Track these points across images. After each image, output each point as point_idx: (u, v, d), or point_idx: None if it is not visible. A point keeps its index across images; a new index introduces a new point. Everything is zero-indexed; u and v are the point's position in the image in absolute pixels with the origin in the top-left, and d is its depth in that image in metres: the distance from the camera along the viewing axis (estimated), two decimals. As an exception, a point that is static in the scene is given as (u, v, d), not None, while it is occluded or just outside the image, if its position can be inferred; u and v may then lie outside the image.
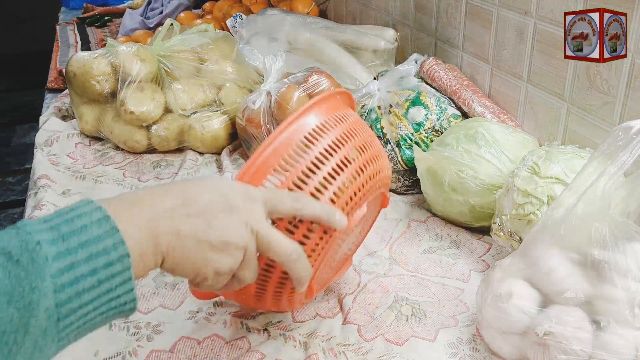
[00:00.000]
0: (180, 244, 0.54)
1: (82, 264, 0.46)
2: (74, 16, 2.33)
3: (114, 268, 0.47)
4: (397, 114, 1.11)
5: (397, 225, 1.00)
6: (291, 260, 0.60)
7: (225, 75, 1.28)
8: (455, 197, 0.93)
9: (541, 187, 0.81)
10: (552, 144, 0.90)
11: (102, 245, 0.47)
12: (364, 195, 0.68)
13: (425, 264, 0.91)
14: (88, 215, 0.48)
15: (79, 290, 0.45)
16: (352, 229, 0.68)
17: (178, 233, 0.53)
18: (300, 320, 0.79)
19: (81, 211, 0.48)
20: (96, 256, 0.46)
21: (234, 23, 1.52)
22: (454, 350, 0.74)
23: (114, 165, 1.20)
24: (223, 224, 0.56)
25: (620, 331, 0.61)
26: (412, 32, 1.49)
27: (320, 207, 0.63)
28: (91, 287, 0.46)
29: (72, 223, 0.47)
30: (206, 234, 0.55)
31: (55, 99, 1.50)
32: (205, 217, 0.55)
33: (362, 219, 0.70)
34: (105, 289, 0.47)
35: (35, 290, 0.43)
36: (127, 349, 0.74)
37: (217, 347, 0.75)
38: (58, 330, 0.45)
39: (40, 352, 0.45)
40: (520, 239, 0.84)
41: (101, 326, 0.50)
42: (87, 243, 0.46)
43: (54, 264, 0.44)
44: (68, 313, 0.45)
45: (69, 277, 0.45)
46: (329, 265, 0.73)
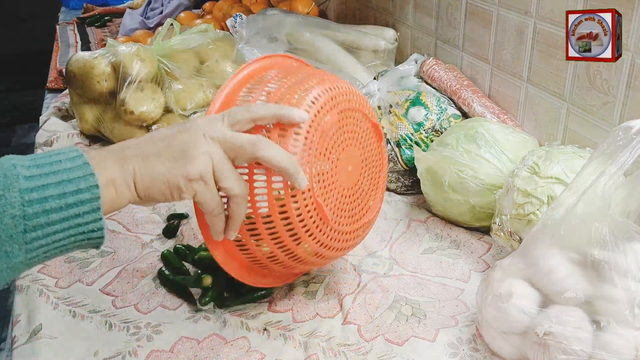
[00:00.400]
0: (145, 163, 0.59)
1: (52, 187, 0.52)
2: (74, 16, 2.33)
3: (82, 195, 0.53)
4: (397, 114, 1.11)
5: (397, 226, 1.00)
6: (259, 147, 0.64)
7: (225, 75, 1.28)
8: (455, 197, 0.93)
9: (541, 187, 0.81)
10: (552, 144, 0.90)
11: (73, 174, 0.53)
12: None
13: (425, 264, 0.91)
14: (65, 153, 0.55)
15: (47, 209, 0.51)
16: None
17: (142, 154, 0.60)
18: (300, 320, 0.79)
19: (60, 150, 0.55)
20: (66, 183, 0.53)
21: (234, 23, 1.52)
22: (454, 350, 0.74)
23: (114, 165, 1.20)
24: (182, 138, 0.62)
25: (620, 331, 0.61)
26: (412, 32, 1.49)
27: (272, 106, 0.68)
28: (59, 208, 0.52)
29: (49, 157, 0.54)
30: (167, 148, 0.61)
31: (55, 99, 1.50)
32: (166, 140, 0.62)
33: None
34: (73, 213, 0.53)
35: (2, 197, 0.50)
36: (126, 349, 0.74)
37: (217, 347, 0.75)
38: (25, 242, 0.51)
39: (7, 258, 0.51)
40: (520, 239, 0.84)
41: (72, 251, 0.56)
42: (59, 172, 0.53)
43: (24, 182, 0.51)
44: (35, 227, 0.51)
45: (37, 195, 0.51)
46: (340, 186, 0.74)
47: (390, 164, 1.09)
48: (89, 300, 0.83)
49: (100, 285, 0.86)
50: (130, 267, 0.90)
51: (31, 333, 0.76)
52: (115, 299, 0.83)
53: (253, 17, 1.54)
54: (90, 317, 0.80)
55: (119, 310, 0.81)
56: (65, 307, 0.81)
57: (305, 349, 0.74)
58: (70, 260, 0.91)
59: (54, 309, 0.81)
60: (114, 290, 0.85)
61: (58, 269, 0.89)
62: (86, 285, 0.86)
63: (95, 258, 0.92)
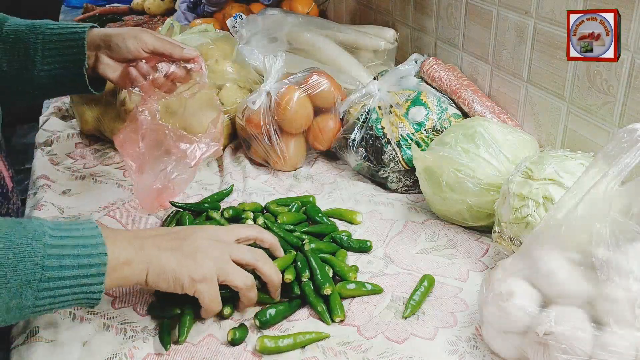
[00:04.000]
0: (160, 254, 0.70)
1: (69, 248, 0.62)
2: (74, 16, 2.33)
3: (92, 259, 0.63)
4: (398, 114, 1.11)
5: (393, 226, 1.00)
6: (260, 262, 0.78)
7: (225, 75, 1.28)
8: (453, 196, 0.93)
9: (535, 189, 0.82)
10: (544, 150, 0.90)
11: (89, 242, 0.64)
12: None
13: (422, 263, 0.90)
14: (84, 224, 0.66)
15: (62, 265, 0.61)
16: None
17: (159, 246, 0.71)
18: (295, 319, 0.79)
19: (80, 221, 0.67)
20: (81, 247, 0.63)
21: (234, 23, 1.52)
22: (454, 347, 0.74)
23: (114, 165, 1.20)
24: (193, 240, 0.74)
25: (620, 332, 0.61)
26: (412, 32, 1.49)
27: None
28: (72, 266, 0.61)
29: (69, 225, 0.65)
30: (180, 246, 0.73)
31: (55, 99, 1.50)
32: (179, 241, 0.74)
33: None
34: (82, 274, 0.62)
35: (29, 246, 0.59)
36: (122, 352, 0.74)
37: (213, 348, 0.75)
38: (38, 289, 0.60)
39: (20, 299, 0.59)
40: (521, 244, 0.84)
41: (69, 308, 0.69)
42: (77, 237, 0.64)
43: (49, 239, 0.61)
44: (49, 278, 0.60)
45: (57, 251, 0.61)
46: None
47: (391, 165, 1.09)
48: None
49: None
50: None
51: (28, 334, 0.76)
52: (115, 299, 0.83)
53: (253, 17, 1.54)
54: (89, 318, 0.79)
55: (117, 311, 0.81)
56: (64, 307, 0.81)
57: (304, 349, 0.74)
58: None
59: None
60: (113, 290, 0.85)
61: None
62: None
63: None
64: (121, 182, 1.14)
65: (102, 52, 0.93)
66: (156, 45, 0.92)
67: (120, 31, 0.93)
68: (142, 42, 0.92)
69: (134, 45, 0.91)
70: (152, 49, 0.92)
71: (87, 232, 0.65)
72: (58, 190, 1.10)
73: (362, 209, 1.04)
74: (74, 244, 0.63)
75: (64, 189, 1.11)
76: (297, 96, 1.14)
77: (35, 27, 0.93)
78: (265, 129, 1.14)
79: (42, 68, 0.92)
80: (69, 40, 0.91)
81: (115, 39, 0.91)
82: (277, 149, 1.15)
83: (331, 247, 0.92)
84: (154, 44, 0.92)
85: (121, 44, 0.91)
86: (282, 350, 0.73)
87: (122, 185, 1.13)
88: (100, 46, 0.92)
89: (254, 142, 1.17)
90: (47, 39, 0.91)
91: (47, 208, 1.03)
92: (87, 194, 1.10)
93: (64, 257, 0.62)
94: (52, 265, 0.61)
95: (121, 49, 0.91)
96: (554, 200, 0.79)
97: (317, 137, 1.19)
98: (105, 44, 0.92)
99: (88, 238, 0.64)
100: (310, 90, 1.16)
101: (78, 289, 0.63)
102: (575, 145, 0.99)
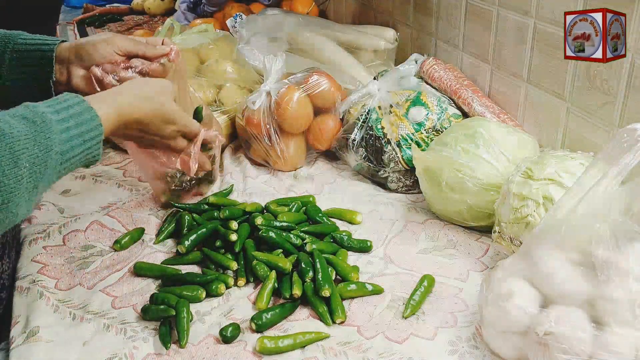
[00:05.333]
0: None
1: (73, 128, 0.69)
2: (74, 16, 2.33)
3: (92, 132, 0.71)
4: (398, 114, 1.11)
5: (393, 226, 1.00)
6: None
7: (225, 75, 1.28)
8: (452, 196, 0.93)
9: (536, 189, 0.82)
10: (544, 150, 0.90)
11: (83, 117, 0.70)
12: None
13: (422, 263, 0.90)
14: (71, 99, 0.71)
15: (73, 146, 0.68)
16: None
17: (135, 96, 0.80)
18: (294, 319, 0.79)
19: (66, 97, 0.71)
20: (81, 125, 0.69)
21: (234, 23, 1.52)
22: (454, 347, 0.74)
23: (114, 165, 1.20)
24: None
25: (620, 331, 0.61)
26: (412, 32, 1.49)
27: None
28: (79, 144, 0.69)
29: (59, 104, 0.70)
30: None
31: (55, 99, 1.50)
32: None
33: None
34: (88, 145, 0.70)
35: (49, 139, 0.65)
36: (123, 352, 0.74)
37: (213, 348, 0.75)
38: (59, 171, 0.68)
39: (48, 184, 0.67)
40: (521, 244, 0.84)
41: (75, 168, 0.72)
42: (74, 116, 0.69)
43: (57, 125, 0.67)
44: (66, 160, 0.68)
45: (66, 135, 0.68)
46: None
47: (391, 165, 1.09)
48: (89, 301, 0.83)
49: (101, 287, 0.86)
50: (129, 266, 0.90)
51: (28, 334, 0.76)
52: (115, 299, 0.83)
53: (253, 17, 1.54)
54: (89, 318, 0.79)
55: (117, 311, 0.81)
56: (65, 308, 0.81)
57: (303, 350, 0.74)
58: (70, 260, 0.91)
59: (55, 312, 0.81)
60: (113, 290, 0.85)
61: (58, 269, 0.89)
62: (87, 288, 0.86)
63: (95, 258, 0.92)
64: (121, 182, 1.14)
65: (74, 65, 0.90)
66: (129, 46, 0.91)
67: (90, 38, 0.92)
68: (114, 45, 0.90)
69: (106, 49, 0.90)
70: (125, 51, 0.91)
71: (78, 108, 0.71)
72: (58, 190, 1.10)
73: (362, 209, 1.04)
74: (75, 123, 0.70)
75: (64, 189, 1.11)
76: (297, 96, 1.14)
77: (7, 36, 0.92)
78: (265, 129, 1.14)
79: (9, 77, 0.90)
80: (38, 52, 0.90)
81: (86, 47, 0.90)
82: (277, 149, 1.15)
83: (332, 247, 0.92)
84: (126, 46, 0.91)
85: (92, 50, 0.89)
86: (282, 350, 0.73)
87: (122, 185, 1.13)
88: (70, 59, 0.90)
89: (254, 142, 1.17)
90: (16, 48, 0.89)
91: (47, 208, 1.03)
92: (87, 194, 1.10)
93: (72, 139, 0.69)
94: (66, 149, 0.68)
95: (92, 56, 0.89)
96: (554, 200, 0.79)
97: (317, 137, 1.19)
98: (76, 55, 0.90)
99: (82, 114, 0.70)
100: (310, 90, 1.16)
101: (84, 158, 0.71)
102: (575, 145, 0.99)
